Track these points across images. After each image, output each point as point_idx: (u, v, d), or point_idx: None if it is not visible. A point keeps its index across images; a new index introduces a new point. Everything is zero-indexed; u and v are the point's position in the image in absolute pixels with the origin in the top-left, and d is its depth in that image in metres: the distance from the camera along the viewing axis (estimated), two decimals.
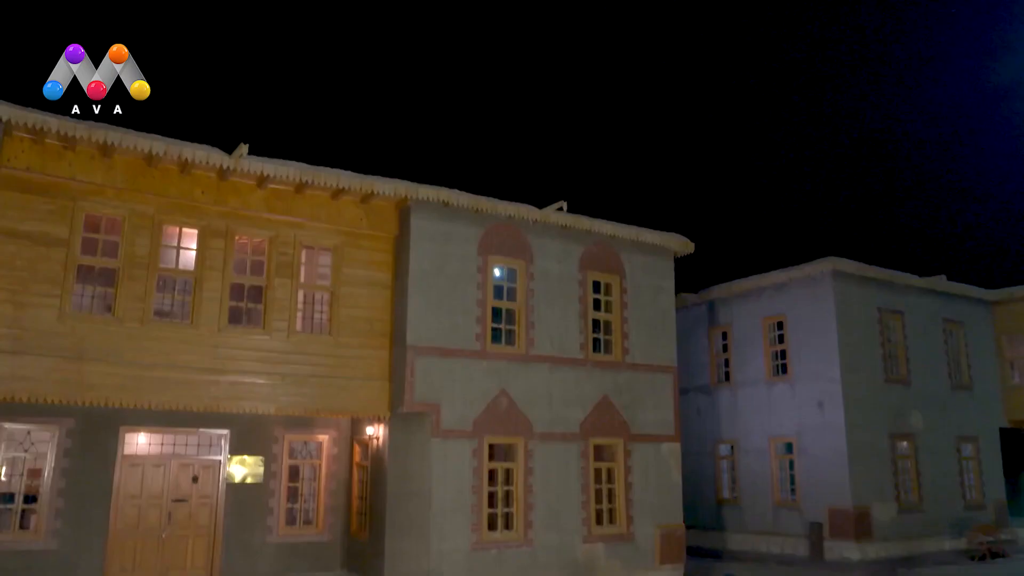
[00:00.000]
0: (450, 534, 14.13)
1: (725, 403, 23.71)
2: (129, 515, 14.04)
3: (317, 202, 14.55)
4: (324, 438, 15.84)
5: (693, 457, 23.18)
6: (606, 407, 16.39)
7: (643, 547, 16.35)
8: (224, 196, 13.76)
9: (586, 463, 15.97)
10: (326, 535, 15.50)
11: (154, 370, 12.87)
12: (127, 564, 13.88)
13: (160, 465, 14.48)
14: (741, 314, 23.49)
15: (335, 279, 14.72)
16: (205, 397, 13.19)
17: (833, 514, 20.43)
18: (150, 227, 13.32)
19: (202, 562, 14.51)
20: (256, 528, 14.88)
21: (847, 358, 20.89)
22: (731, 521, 23.04)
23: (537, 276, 16.06)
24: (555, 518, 15.34)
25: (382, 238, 15.21)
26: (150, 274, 13.17)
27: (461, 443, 14.56)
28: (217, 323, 13.52)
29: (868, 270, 21.90)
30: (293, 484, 15.50)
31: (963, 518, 22.22)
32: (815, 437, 21.05)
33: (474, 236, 15.47)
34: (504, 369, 15.29)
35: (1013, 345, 25.11)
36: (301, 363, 14.04)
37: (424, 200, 14.91)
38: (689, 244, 18.13)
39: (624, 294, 17.16)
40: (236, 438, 14.95)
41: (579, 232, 16.68)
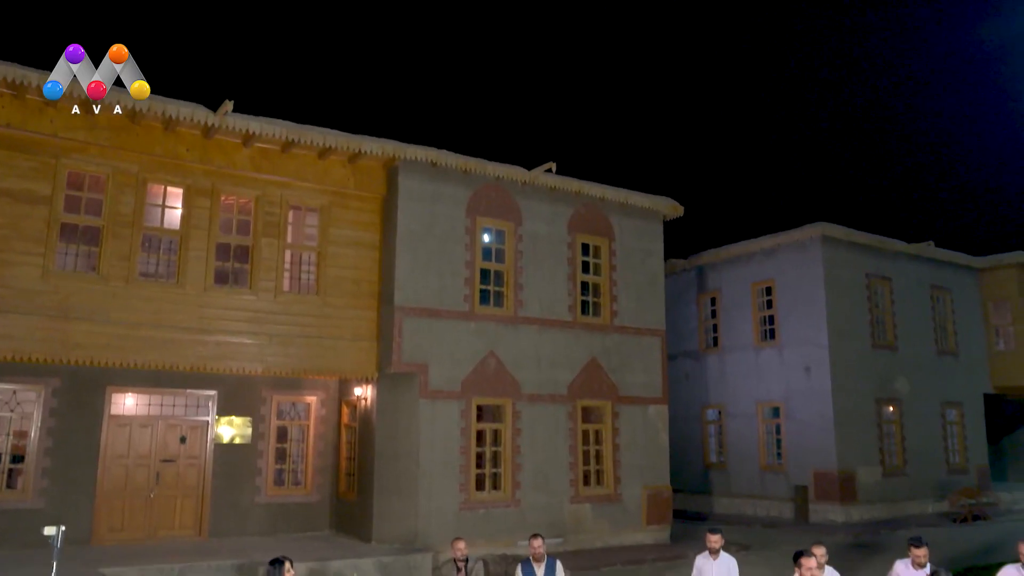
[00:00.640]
0: (438, 494, 14.19)
1: (713, 368, 23.82)
2: (116, 475, 14.03)
3: (304, 161, 14.40)
4: (312, 399, 15.83)
5: (681, 422, 23.33)
6: (594, 369, 16.42)
7: (630, 508, 16.48)
8: (209, 154, 13.60)
9: (574, 425, 16.03)
10: (314, 496, 15.55)
11: (139, 329, 12.78)
12: (115, 524, 13.90)
13: (147, 425, 14.45)
14: (730, 279, 23.52)
15: (322, 239, 14.62)
16: (191, 357, 13.12)
17: (818, 477, 20.63)
18: (134, 185, 13.16)
19: (191, 522, 14.54)
20: (244, 489, 14.91)
21: (835, 323, 20.98)
22: (718, 485, 23.25)
23: (526, 238, 16.00)
24: (543, 479, 15.43)
25: (370, 199, 15.09)
26: (135, 233, 13.04)
27: (449, 404, 14.58)
28: (203, 283, 13.42)
29: (857, 236, 21.93)
30: (281, 445, 15.52)
31: (946, 482, 22.49)
32: (802, 402, 21.20)
33: (462, 197, 15.37)
34: (492, 331, 15.27)
35: (999, 312, 25.26)
36: (288, 323, 13.98)
37: (412, 160, 14.78)
38: (678, 207, 18.08)
39: (613, 257, 17.13)
40: (224, 399, 14.93)
41: (568, 194, 16.60)
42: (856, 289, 21.82)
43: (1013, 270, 24.94)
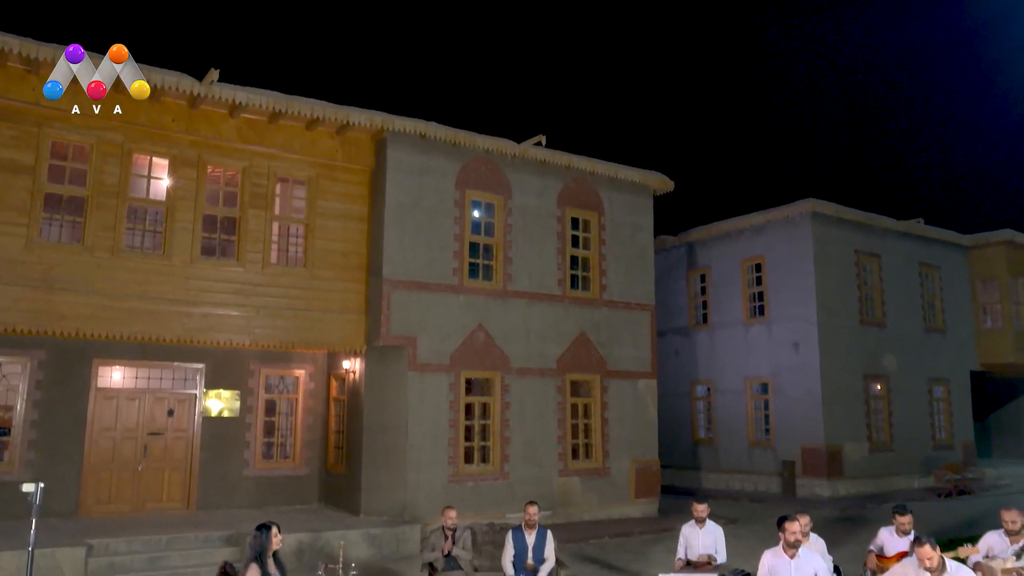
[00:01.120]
0: (427, 466, 14.20)
1: (702, 345, 23.87)
2: (104, 448, 13.98)
3: (291, 133, 14.26)
4: (301, 373, 15.79)
5: (670, 398, 23.40)
6: (583, 343, 16.42)
7: (619, 481, 16.55)
8: (195, 125, 13.45)
9: (563, 398, 16.05)
10: (303, 469, 15.55)
11: (125, 301, 12.68)
12: (103, 496, 13.86)
13: (135, 398, 14.39)
14: (720, 256, 23.52)
15: (310, 211, 14.51)
16: (178, 328, 13.03)
17: (806, 453, 20.75)
18: (119, 155, 13.01)
19: (178, 495, 14.52)
20: (233, 462, 14.89)
21: (824, 299, 21.02)
22: (706, 460, 23.37)
23: (515, 211, 15.92)
24: (532, 452, 15.45)
25: (358, 171, 14.97)
26: (120, 203, 12.90)
27: (438, 377, 14.55)
28: (190, 254, 13.31)
29: (846, 212, 21.94)
30: (270, 418, 15.49)
31: (932, 457, 22.67)
32: (790, 378, 21.28)
33: (451, 170, 15.27)
34: (481, 304, 15.23)
35: (986, 290, 25.37)
36: (276, 295, 13.90)
37: (401, 132, 14.66)
38: (668, 182, 18.03)
39: (602, 231, 17.08)
40: (211, 372, 14.87)
41: (558, 168, 16.52)
42: (845, 266, 21.85)
43: (1001, 248, 25.03)
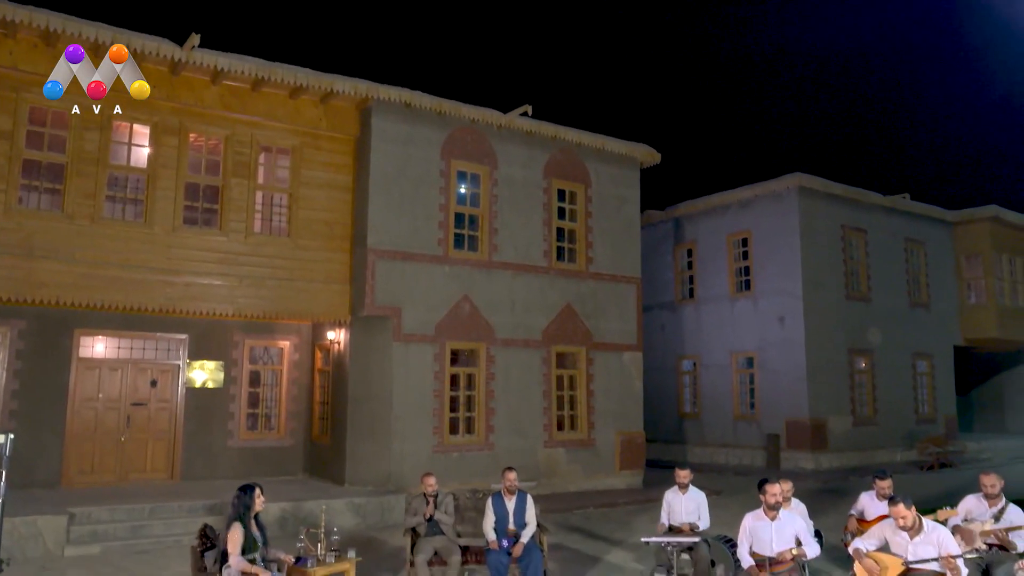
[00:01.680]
0: (411, 437, 14.18)
1: (689, 319, 23.91)
2: (86, 418, 13.90)
3: (274, 101, 14.09)
4: (285, 344, 15.72)
5: (656, 373, 23.47)
6: (569, 315, 16.40)
7: (603, 453, 16.60)
8: (177, 92, 13.25)
9: (548, 370, 16.05)
10: (288, 440, 15.52)
11: (106, 269, 12.54)
12: (85, 466, 13.80)
13: (117, 369, 14.30)
14: (707, 231, 23.51)
15: (294, 180, 14.38)
16: (160, 297, 12.91)
17: (790, 426, 20.88)
18: (99, 122, 12.80)
19: (162, 465, 14.48)
20: (217, 432, 14.84)
21: (809, 274, 21.07)
22: (692, 434, 23.49)
23: (501, 182, 15.83)
24: (517, 423, 15.47)
25: (342, 140, 14.83)
26: (100, 171, 12.72)
27: (423, 347, 14.51)
28: (172, 222, 13.17)
29: (833, 187, 21.94)
30: (254, 390, 15.43)
31: (915, 431, 22.85)
32: (776, 352, 21.36)
33: (437, 139, 15.14)
34: (467, 275, 15.17)
35: (971, 266, 25.49)
36: (259, 265, 13.79)
37: (385, 101, 14.51)
38: (655, 155, 17.95)
39: (589, 203, 17.02)
40: (195, 343, 14.78)
41: (544, 139, 16.42)
42: (831, 240, 21.89)
43: (985, 224, 25.12)
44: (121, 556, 10.64)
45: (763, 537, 7.18)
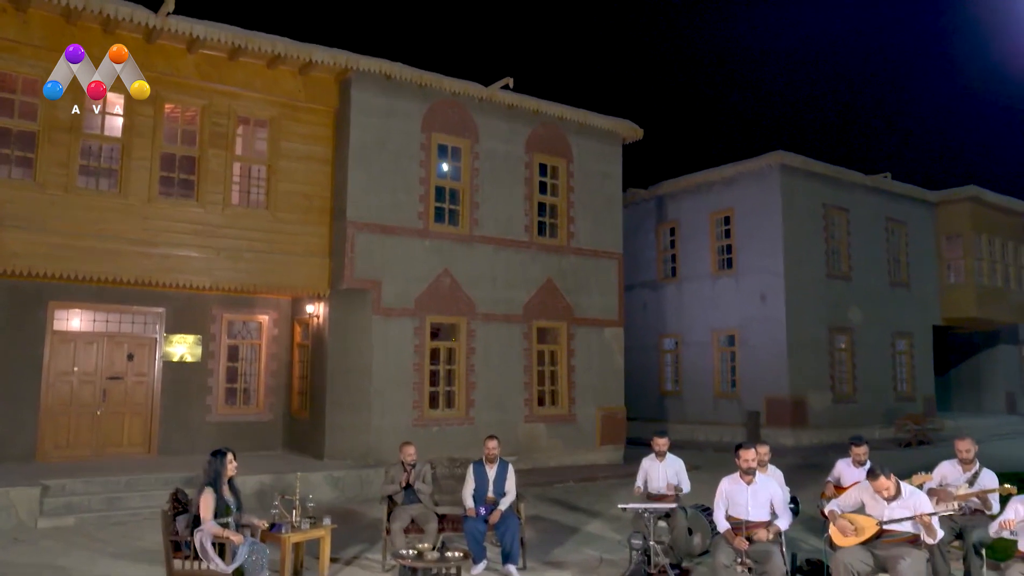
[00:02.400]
0: (391, 411, 14.12)
1: (671, 298, 23.94)
2: (61, 392, 13.73)
3: (252, 71, 13.88)
4: (264, 318, 15.58)
5: (638, 351, 23.50)
6: (550, 290, 16.35)
7: (584, 428, 16.61)
8: (152, 60, 12.98)
9: (529, 345, 16.01)
10: (267, 415, 15.42)
11: (80, 239, 12.34)
12: (61, 441, 13.64)
13: (93, 342, 14.12)
14: (689, 209, 23.50)
15: (272, 152, 14.19)
16: (135, 269, 12.73)
17: (770, 403, 20.99)
18: (72, 90, 12.53)
19: (139, 440, 14.34)
20: (195, 407, 14.71)
21: (791, 252, 21.12)
22: (673, 412, 23.56)
23: (482, 156, 15.71)
24: (497, 397, 15.44)
25: (322, 111, 14.64)
26: (73, 139, 12.49)
27: (403, 321, 14.43)
28: (147, 193, 12.97)
29: (815, 165, 21.96)
30: (232, 364, 15.30)
31: (894, 409, 23.04)
32: (757, 329, 21.43)
33: (417, 112, 15.00)
34: (447, 248, 15.08)
35: (951, 246, 25.65)
36: (237, 237, 13.62)
37: (365, 72, 14.34)
38: (638, 130, 17.88)
39: (571, 178, 16.94)
40: (172, 316, 14.62)
41: (526, 113, 16.30)
42: (813, 219, 21.94)
43: (966, 204, 25.27)
44: (96, 527, 10.53)
45: (739, 501, 7.19)
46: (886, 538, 6.40)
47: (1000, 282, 26.18)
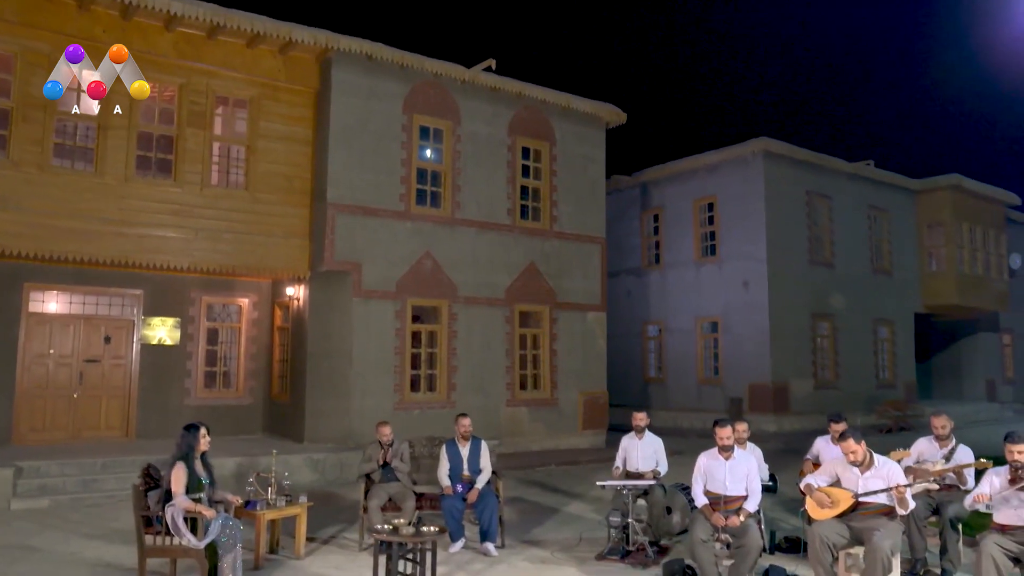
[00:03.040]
0: (372, 393, 14.03)
1: (655, 285, 23.93)
2: (37, 374, 13.56)
3: (231, 50, 13.71)
4: (244, 301, 15.44)
5: (622, 338, 23.50)
6: (533, 274, 16.28)
7: (566, 412, 16.58)
8: (128, 37, 12.76)
9: (511, 328, 15.95)
10: (247, 399, 15.30)
11: (56, 219, 12.16)
12: (37, 424, 13.48)
13: (69, 324, 13.95)
14: (673, 196, 23.48)
15: (252, 133, 14.03)
16: (112, 249, 12.56)
17: (753, 389, 21.03)
18: (46, 66, 12.22)
19: (117, 423, 14.20)
20: (173, 390, 14.57)
21: (774, 238, 21.13)
22: (656, 399, 23.57)
23: (464, 138, 15.61)
24: (479, 381, 15.38)
25: (302, 92, 14.49)
26: (48, 117, 12.30)
27: (384, 304, 14.33)
28: (124, 172, 12.79)
29: (798, 152, 21.97)
30: (212, 347, 15.16)
31: (876, 396, 23.15)
32: (739, 316, 21.45)
33: (399, 93, 14.87)
34: (429, 231, 14.98)
35: (932, 234, 25.74)
36: (216, 218, 13.47)
37: (346, 52, 14.19)
38: (621, 114, 17.81)
39: (554, 162, 16.86)
40: (150, 299, 14.46)
41: (509, 95, 16.20)
42: (796, 205, 21.96)
43: (947, 192, 25.36)
44: (70, 509, 10.41)
45: (717, 476, 7.16)
46: (862, 511, 6.39)
47: (981, 270, 26.32)
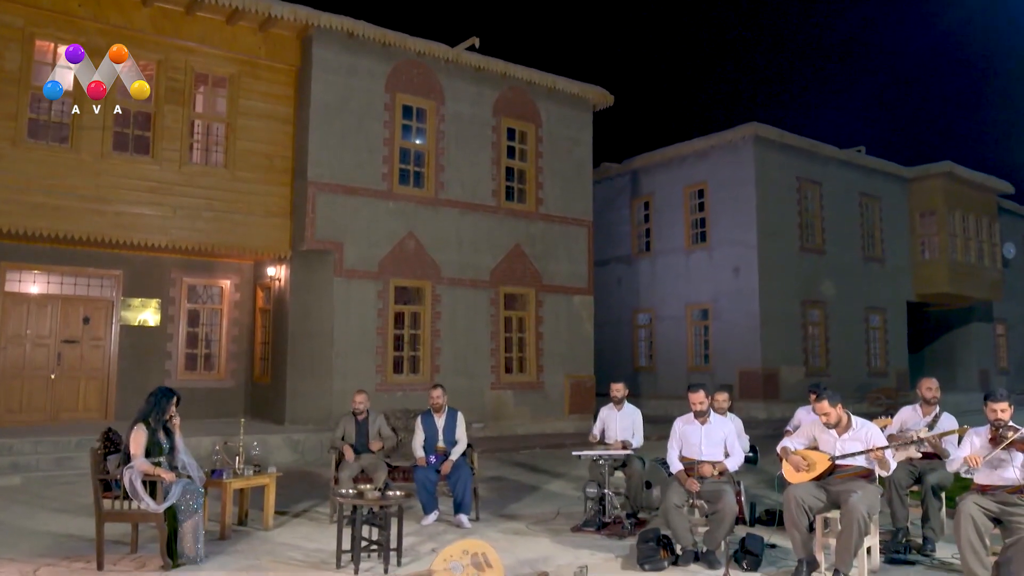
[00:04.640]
0: (353, 374, 13.85)
1: (645, 273, 23.76)
2: (14, 355, 13.37)
3: (210, 26, 13.52)
4: (226, 283, 15.26)
5: (612, 326, 23.33)
6: (518, 256, 16.12)
7: (552, 396, 16.42)
8: (105, 12, 12.65)
9: (496, 311, 15.79)
10: (229, 381, 15.12)
11: (30, 195, 11.98)
12: (14, 405, 13.29)
13: (47, 305, 13.75)
14: (663, 183, 23.30)
15: (231, 110, 13.85)
16: (88, 226, 12.38)
17: (743, 376, 20.87)
18: (20, 40, 12.18)
19: (96, 404, 14.02)
20: (153, 372, 14.35)
21: (764, 225, 20.97)
22: (646, 387, 23.39)
23: (448, 118, 15.43)
24: (463, 363, 15.21)
25: (283, 70, 14.31)
26: (21, 91, 12.11)
27: (365, 284, 14.16)
28: (100, 149, 12.60)
29: (789, 137, 21.80)
30: (193, 329, 14.97)
31: (867, 384, 23.00)
32: (730, 303, 21.28)
33: (381, 72, 14.69)
34: (412, 211, 14.81)
35: (924, 222, 25.60)
36: (195, 196, 13.29)
37: (327, 29, 14.01)
38: (608, 96, 17.65)
39: (539, 143, 16.69)
40: (129, 280, 14.27)
41: (494, 75, 16.02)
42: (787, 192, 21.80)
43: (939, 180, 25.21)
44: (43, 486, 10.22)
45: (692, 441, 7.03)
46: (839, 473, 6.22)
47: (974, 259, 26.18)
